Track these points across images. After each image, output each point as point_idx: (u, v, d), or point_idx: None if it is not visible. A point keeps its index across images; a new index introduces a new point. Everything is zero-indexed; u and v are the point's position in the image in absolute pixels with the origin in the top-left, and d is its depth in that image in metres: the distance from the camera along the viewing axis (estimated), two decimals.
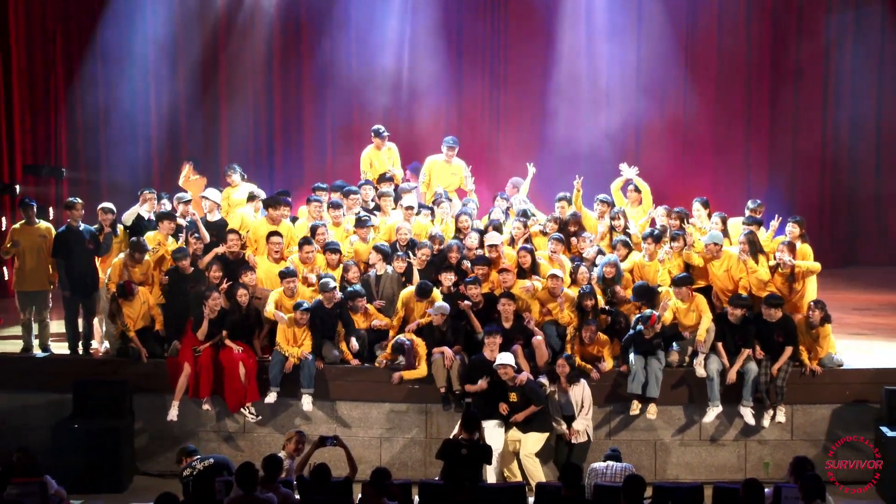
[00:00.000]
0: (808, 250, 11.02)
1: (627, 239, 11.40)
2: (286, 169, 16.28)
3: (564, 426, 10.04)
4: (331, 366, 10.73)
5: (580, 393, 10.02)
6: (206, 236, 11.50)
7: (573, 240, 11.72)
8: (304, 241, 11.40)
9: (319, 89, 16.73)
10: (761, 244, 10.96)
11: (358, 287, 10.81)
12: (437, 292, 10.76)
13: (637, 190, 12.16)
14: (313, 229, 11.71)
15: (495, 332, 10.13)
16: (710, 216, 11.65)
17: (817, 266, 10.77)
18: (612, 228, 11.73)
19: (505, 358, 9.90)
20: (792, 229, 11.07)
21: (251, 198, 12.33)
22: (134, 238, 11.20)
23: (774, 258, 10.88)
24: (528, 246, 11.27)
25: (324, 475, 7.87)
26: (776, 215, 11.40)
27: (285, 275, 10.85)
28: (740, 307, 10.31)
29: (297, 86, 16.83)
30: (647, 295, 10.72)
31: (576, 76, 16.36)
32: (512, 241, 11.67)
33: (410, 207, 11.99)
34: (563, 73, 16.33)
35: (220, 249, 11.32)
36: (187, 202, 12.09)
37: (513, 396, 9.94)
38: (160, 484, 10.22)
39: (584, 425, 10.01)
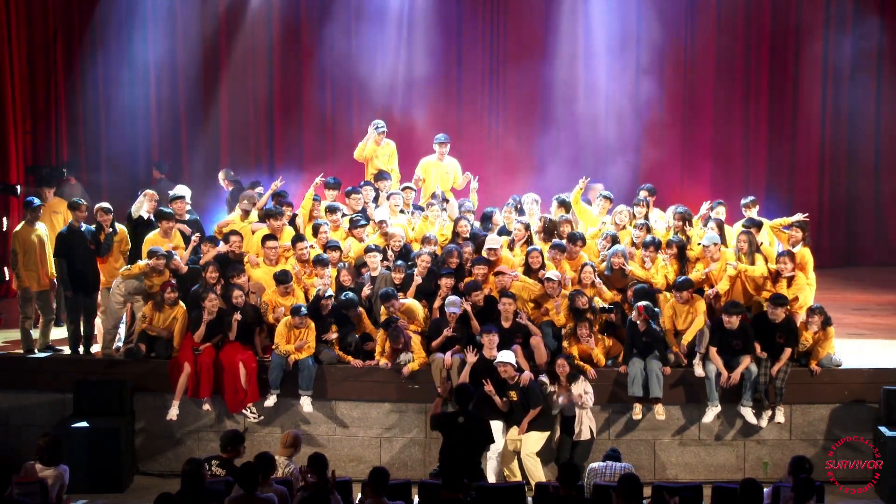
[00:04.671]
0: (808, 255, 11.03)
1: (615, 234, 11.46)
2: (286, 164, 16.26)
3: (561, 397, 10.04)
4: (330, 366, 10.75)
5: (580, 388, 10.01)
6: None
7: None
8: (297, 239, 11.44)
9: (320, 82, 16.71)
10: (758, 245, 10.99)
11: (352, 295, 10.82)
12: (412, 301, 10.78)
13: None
14: (315, 228, 11.74)
15: (492, 331, 10.15)
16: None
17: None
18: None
19: (505, 356, 9.92)
20: (794, 233, 11.08)
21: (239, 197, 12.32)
22: (152, 249, 11.06)
23: (776, 262, 10.90)
24: (538, 247, 11.26)
25: (320, 465, 7.92)
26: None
27: (281, 281, 10.85)
28: (735, 314, 10.26)
29: (298, 80, 16.81)
30: (646, 298, 10.72)
31: (575, 78, 16.35)
32: (512, 244, 11.68)
33: (383, 222, 11.82)
34: (562, 75, 16.32)
35: (223, 249, 11.36)
36: (180, 198, 12.09)
37: (513, 395, 9.97)
38: (160, 484, 10.27)
39: (581, 389, 9.98)
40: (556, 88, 16.41)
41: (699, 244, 11.12)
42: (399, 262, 11.21)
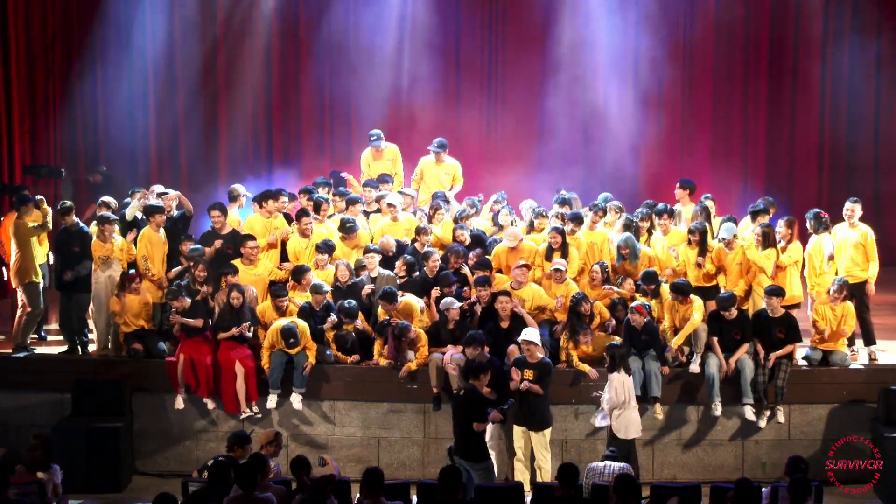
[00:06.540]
0: (798, 248, 11.13)
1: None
2: (284, 167, 16.27)
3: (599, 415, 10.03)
4: (329, 366, 10.74)
5: (621, 381, 9.86)
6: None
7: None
8: (302, 213, 11.54)
9: (318, 81, 16.70)
10: (774, 236, 11.06)
11: (353, 303, 10.76)
12: (410, 299, 10.78)
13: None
14: (317, 204, 11.93)
15: (485, 369, 9.38)
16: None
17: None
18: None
19: (531, 335, 9.80)
20: (780, 229, 11.16)
21: (233, 198, 12.39)
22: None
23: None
24: (559, 226, 11.31)
25: (303, 466, 7.99)
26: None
27: (277, 294, 10.82)
28: (730, 306, 10.33)
29: (296, 79, 16.81)
30: (652, 282, 10.77)
31: (573, 79, 16.31)
32: (531, 229, 11.75)
33: (392, 205, 12.00)
34: (561, 76, 16.28)
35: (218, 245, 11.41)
36: (163, 194, 12.07)
37: (528, 374, 9.71)
38: (159, 484, 10.28)
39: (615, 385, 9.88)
40: (556, 82, 16.36)
41: (719, 239, 11.17)
42: (410, 259, 11.21)
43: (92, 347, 11.44)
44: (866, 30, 16.02)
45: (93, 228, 11.54)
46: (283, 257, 11.68)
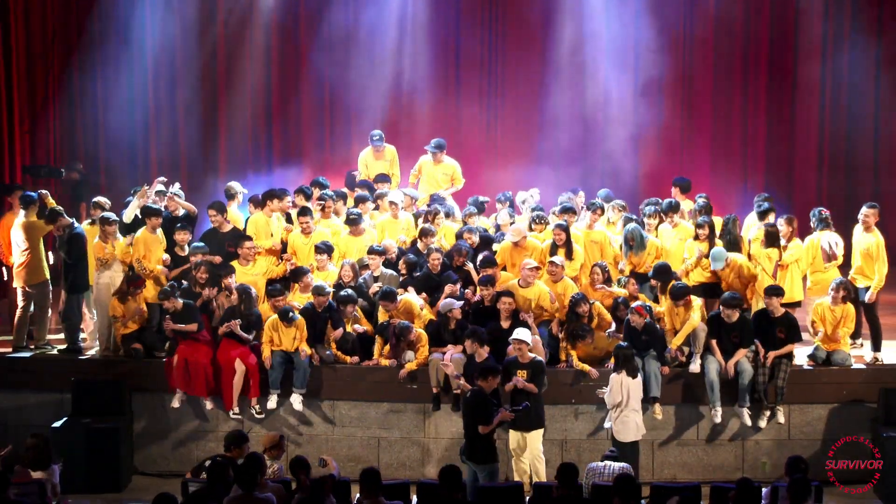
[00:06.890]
0: (799, 245, 11.16)
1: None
2: (285, 165, 16.28)
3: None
4: (329, 366, 10.74)
5: (619, 382, 9.83)
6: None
7: None
8: (302, 212, 11.57)
9: (318, 79, 16.70)
10: (779, 237, 11.10)
11: (350, 292, 10.79)
12: (410, 297, 10.77)
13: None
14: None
15: (494, 371, 9.40)
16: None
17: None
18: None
19: (522, 334, 9.78)
20: (781, 227, 11.21)
21: (230, 196, 12.37)
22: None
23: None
24: (563, 223, 11.33)
25: (303, 467, 8.01)
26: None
27: (273, 294, 10.83)
28: (733, 307, 10.34)
29: (296, 82, 16.80)
30: (665, 276, 10.79)
31: (573, 75, 16.31)
32: (531, 227, 11.78)
33: (394, 203, 12.04)
34: (561, 72, 16.29)
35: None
36: (162, 194, 12.07)
37: (522, 374, 9.69)
38: (158, 484, 10.28)
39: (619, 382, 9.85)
40: (556, 77, 16.35)
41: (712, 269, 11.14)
42: (412, 257, 11.22)
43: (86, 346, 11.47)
44: (866, 30, 16.00)
45: (86, 227, 11.53)
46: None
